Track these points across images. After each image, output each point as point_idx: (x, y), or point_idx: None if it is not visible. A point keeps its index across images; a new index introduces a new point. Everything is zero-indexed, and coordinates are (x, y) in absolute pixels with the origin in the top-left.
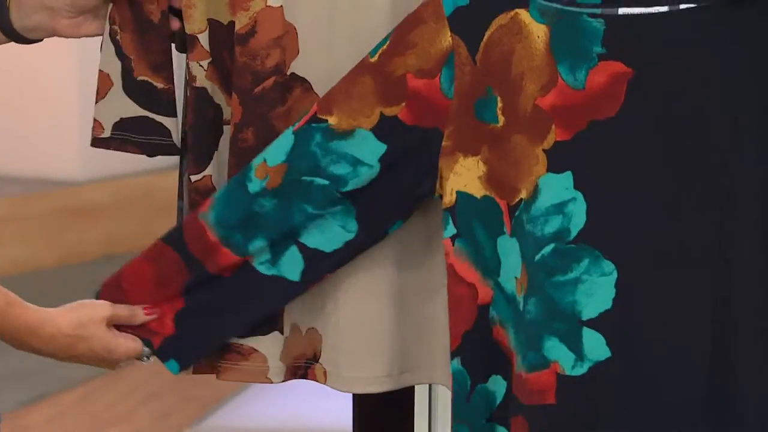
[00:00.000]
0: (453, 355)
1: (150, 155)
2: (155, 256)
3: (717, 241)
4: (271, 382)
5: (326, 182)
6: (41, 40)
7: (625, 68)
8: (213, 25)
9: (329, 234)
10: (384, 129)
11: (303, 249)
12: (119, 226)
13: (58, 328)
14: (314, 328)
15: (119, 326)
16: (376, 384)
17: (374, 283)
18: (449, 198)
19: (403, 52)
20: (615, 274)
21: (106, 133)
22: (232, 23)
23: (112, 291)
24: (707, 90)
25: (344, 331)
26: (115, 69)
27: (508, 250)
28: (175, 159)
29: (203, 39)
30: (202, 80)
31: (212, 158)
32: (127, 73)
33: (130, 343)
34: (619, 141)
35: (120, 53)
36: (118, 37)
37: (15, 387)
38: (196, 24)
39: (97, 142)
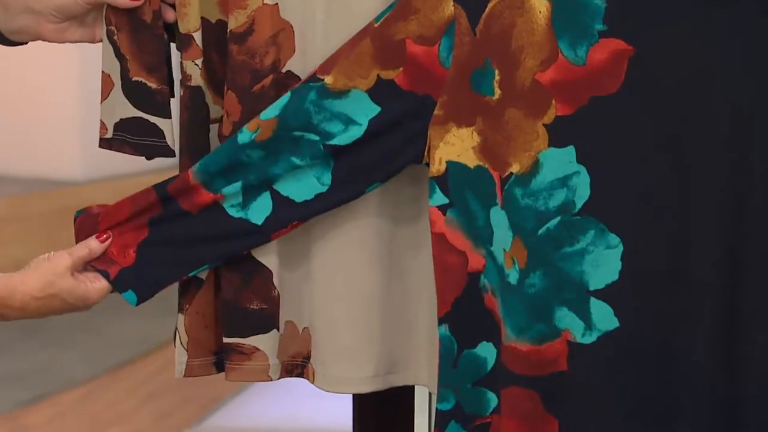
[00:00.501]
0: (441, 321)
1: (145, 157)
2: (134, 196)
3: (721, 216)
4: (271, 380)
5: (316, 137)
6: (26, 43)
7: (625, 46)
8: (204, 23)
9: (303, 184)
10: (379, 91)
11: (275, 196)
12: None
13: (28, 294)
14: (307, 327)
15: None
16: (363, 384)
17: (359, 283)
18: (437, 167)
19: (405, 17)
20: (620, 248)
21: (109, 134)
22: (220, 22)
23: (86, 227)
24: (708, 69)
25: (330, 330)
26: (115, 69)
27: (499, 221)
28: (176, 159)
29: (198, 38)
30: (197, 79)
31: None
32: (124, 74)
33: (98, 284)
34: (620, 117)
35: (118, 53)
36: (115, 38)
37: (15, 387)
38: (191, 22)
39: (102, 142)
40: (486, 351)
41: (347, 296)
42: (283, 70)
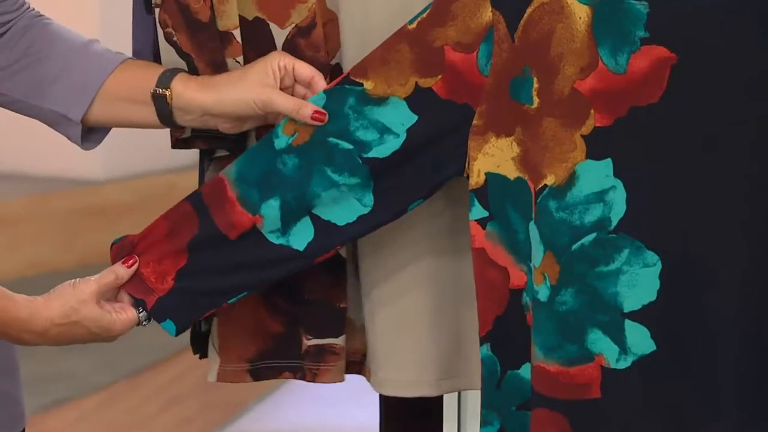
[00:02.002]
0: (482, 341)
1: (212, 149)
2: (170, 211)
3: (761, 233)
4: (343, 380)
5: (350, 146)
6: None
7: (668, 53)
8: (241, 21)
9: (344, 207)
10: (418, 100)
11: (315, 221)
12: (141, 226)
13: (49, 320)
14: (363, 325)
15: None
16: (409, 388)
17: (412, 282)
18: (476, 179)
19: (443, 23)
20: (659, 265)
21: (187, 133)
22: (257, 19)
23: (122, 254)
24: (755, 78)
25: (380, 329)
26: (183, 66)
27: (532, 234)
28: (194, 159)
29: (237, 35)
30: None
31: None
32: (192, 71)
33: (123, 315)
34: (660, 129)
35: (181, 52)
36: (174, 39)
37: (37, 392)
38: (230, 19)
39: (179, 143)
40: (530, 373)
41: (398, 294)
42: (333, 63)
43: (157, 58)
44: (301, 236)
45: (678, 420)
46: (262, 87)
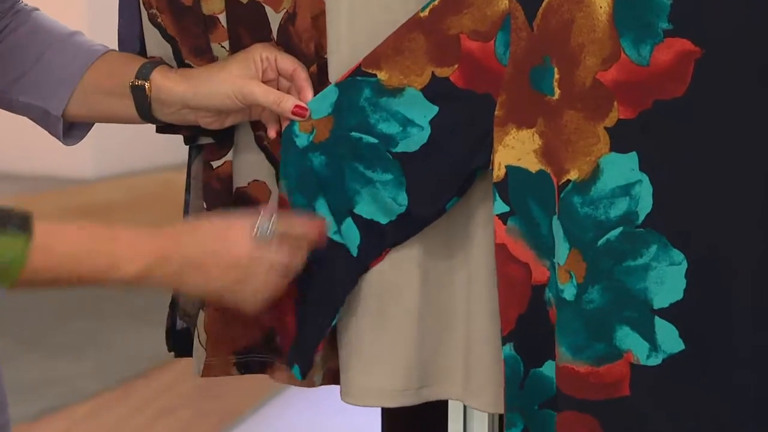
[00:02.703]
0: (505, 340)
1: (195, 136)
2: None
3: None
4: (315, 386)
5: (375, 140)
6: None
7: (692, 47)
8: (230, 4)
9: (381, 205)
10: (435, 90)
11: (358, 220)
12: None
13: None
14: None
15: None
16: (391, 398)
17: (391, 281)
18: (497, 172)
19: (457, 11)
20: (685, 264)
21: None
22: (253, 2)
23: None
24: None
25: (357, 336)
26: (166, 52)
27: (556, 231)
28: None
29: (223, 19)
30: None
31: (233, 143)
32: (177, 56)
33: None
34: (685, 123)
35: (166, 35)
36: (159, 20)
37: (23, 400)
38: (215, 3)
39: (164, 128)
40: (552, 370)
41: (375, 296)
42: (326, 57)
43: (142, 43)
44: (352, 239)
45: (705, 422)
46: (242, 79)
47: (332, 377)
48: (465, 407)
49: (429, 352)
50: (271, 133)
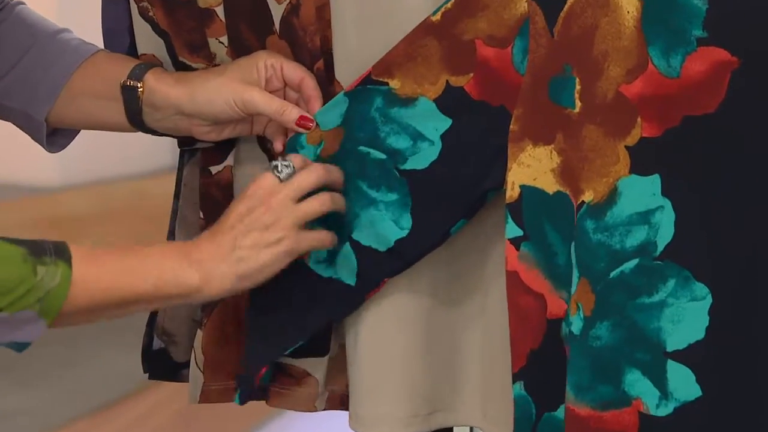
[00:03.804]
0: (515, 378)
1: (185, 145)
2: None
3: None
4: (316, 410)
5: (383, 156)
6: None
7: (729, 57)
8: None
9: (381, 229)
10: (449, 101)
11: (356, 247)
12: (104, 241)
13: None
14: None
15: None
16: (401, 425)
17: (400, 302)
18: (510, 193)
19: (472, 14)
20: (709, 300)
21: None
22: None
23: None
24: None
25: (363, 358)
26: (158, 48)
27: (573, 259)
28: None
29: (220, 12)
30: (222, 57)
31: (233, 147)
32: (170, 52)
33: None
34: (717, 143)
35: (158, 30)
36: (151, 14)
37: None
38: None
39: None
40: None
41: (382, 316)
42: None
43: (132, 38)
44: (348, 267)
45: None
46: (243, 85)
47: (338, 402)
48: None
49: (440, 377)
50: (277, 146)
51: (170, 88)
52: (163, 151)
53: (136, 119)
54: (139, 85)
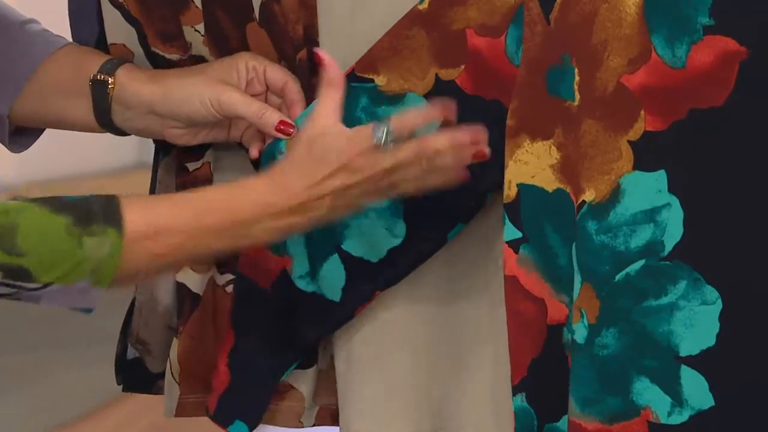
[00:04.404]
0: (516, 390)
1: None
2: None
3: None
4: (302, 427)
5: None
6: None
7: (737, 46)
8: None
9: (373, 238)
10: (439, 96)
11: (346, 259)
12: None
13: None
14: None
15: None
16: None
17: (398, 313)
18: (508, 192)
19: (462, 1)
20: (719, 304)
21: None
22: None
23: None
24: None
25: (356, 372)
26: (129, 37)
27: (574, 261)
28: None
29: None
30: (198, 47)
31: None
32: (142, 42)
33: None
34: (726, 136)
35: (129, 18)
36: (121, 0)
37: None
38: None
39: None
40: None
41: (377, 325)
42: (318, 40)
43: (102, 27)
44: (333, 281)
45: None
46: (222, 85)
47: (329, 418)
48: None
49: (440, 392)
50: (253, 153)
51: (143, 85)
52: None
53: (104, 118)
54: (109, 80)
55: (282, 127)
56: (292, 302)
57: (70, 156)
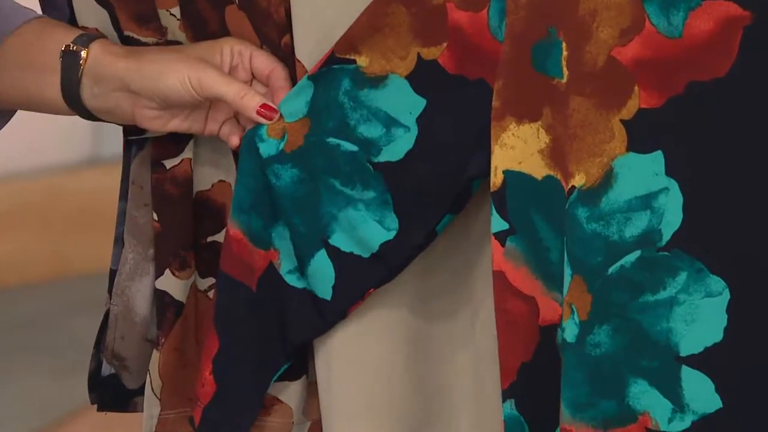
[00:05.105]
0: (505, 395)
1: (132, 134)
2: None
3: None
4: None
5: (354, 148)
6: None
7: (739, 11)
8: None
9: (364, 232)
10: (422, 77)
11: (334, 254)
12: (12, 245)
13: None
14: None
15: None
16: None
17: (382, 315)
18: (494, 179)
19: None
20: (726, 295)
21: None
22: None
23: None
24: None
25: (336, 384)
26: (101, 20)
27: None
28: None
29: None
30: (174, 32)
31: (192, 136)
32: (115, 25)
33: None
34: (729, 111)
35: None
36: None
37: None
38: None
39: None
40: None
41: (358, 334)
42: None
43: (72, 9)
44: (321, 278)
45: None
46: (202, 63)
47: None
48: None
49: (429, 401)
50: (234, 141)
51: (118, 59)
52: (81, 141)
53: (71, 93)
54: (82, 52)
55: (264, 110)
56: (281, 300)
57: (16, 151)
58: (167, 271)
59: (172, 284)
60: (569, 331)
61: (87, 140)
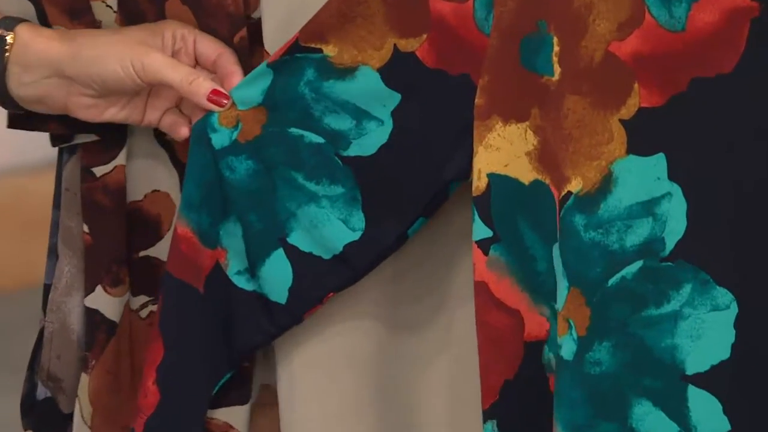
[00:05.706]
0: (486, 416)
1: (59, 142)
2: None
3: None
4: None
5: (321, 140)
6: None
7: (747, 2)
8: None
9: (327, 231)
10: (396, 70)
11: (293, 254)
12: None
13: None
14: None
15: None
16: None
17: (348, 327)
18: (477, 183)
19: None
20: (734, 309)
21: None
22: None
23: None
24: None
25: (299, 403)
26: (26, 12)
27: (556, 264)
28: (50, 153)
29: None
30: (110, 26)
31: (125, 141)
32: (41, 19)
33: None
34: (736, 110)
35: None
36: None
37: None
38: None
39: (18, 120)
40: None
41: (323, 352)
42: (255, 16)
43: None
44: (277, 280)
45: None
46: (144, 46)
47: None
48: None
49: (398, 422)
50: (183, 132)
51: (51, 42)
52: (45, 141)
53: None
54: (8, 36)
55: (214, 96)
56: (227, 304)
57: None
58: (99, 288)
59: (104, 302)
60: (566, 349)
61: (46, 141)
